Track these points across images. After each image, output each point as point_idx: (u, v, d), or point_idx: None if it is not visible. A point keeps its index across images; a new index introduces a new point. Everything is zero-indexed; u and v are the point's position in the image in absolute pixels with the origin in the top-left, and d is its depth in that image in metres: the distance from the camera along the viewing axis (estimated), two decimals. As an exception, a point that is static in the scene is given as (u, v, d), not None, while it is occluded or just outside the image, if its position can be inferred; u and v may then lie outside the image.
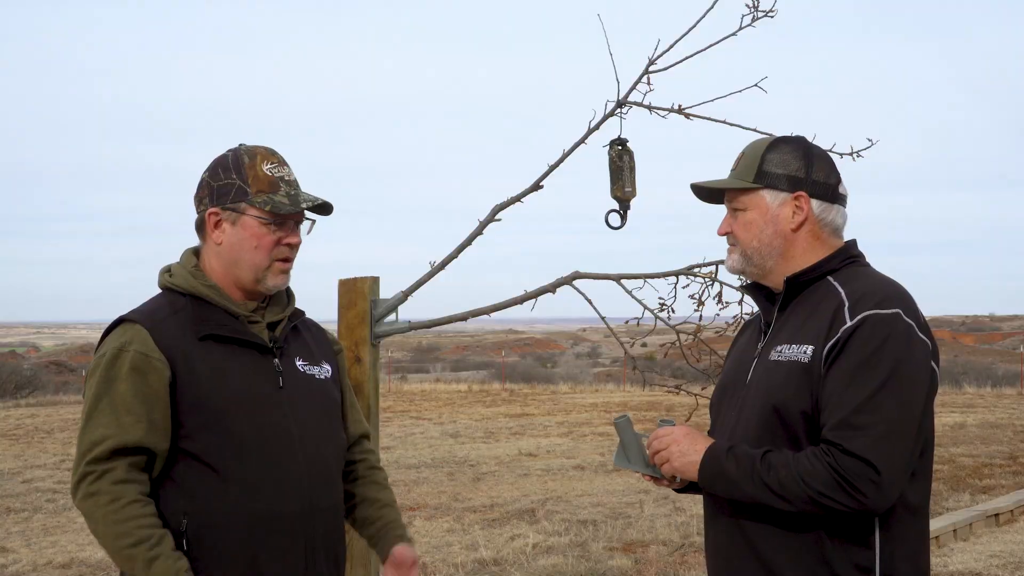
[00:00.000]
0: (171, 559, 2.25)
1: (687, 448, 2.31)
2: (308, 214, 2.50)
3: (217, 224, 2.44)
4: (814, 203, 2.34)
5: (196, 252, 2.52)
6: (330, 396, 2.57)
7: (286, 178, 2.47)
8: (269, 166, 2.46)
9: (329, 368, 2.59)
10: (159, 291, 2.49)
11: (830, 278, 2.30)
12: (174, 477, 2.33)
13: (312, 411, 2.49)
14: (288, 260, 2.48)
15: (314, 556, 2.42)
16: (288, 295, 2.58)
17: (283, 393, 2.44)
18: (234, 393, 2.36)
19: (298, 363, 2.51)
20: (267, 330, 2.49)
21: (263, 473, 2.36)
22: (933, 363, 2.22)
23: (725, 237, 2.43)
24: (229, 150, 2.50)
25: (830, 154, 2.45)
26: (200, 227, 2.49)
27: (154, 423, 2.30)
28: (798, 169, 2.34)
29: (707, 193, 2.46)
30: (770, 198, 2.35)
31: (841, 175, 2.40)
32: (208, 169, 2.48)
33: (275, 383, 2.44)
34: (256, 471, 2.35)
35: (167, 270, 2.51)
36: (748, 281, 2.49)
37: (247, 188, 2.43)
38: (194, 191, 2.50)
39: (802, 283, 2.33)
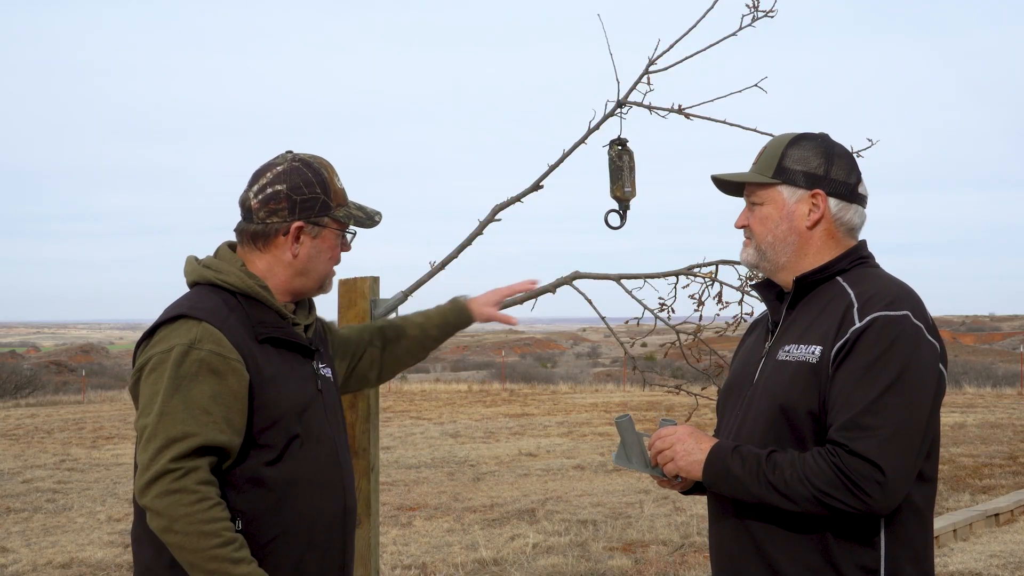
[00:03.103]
0: (254, 564, 2.25)
1: (692, 447, 2.30)
2: None
3: (298, 237, 2.45)
4: (831, 202, 2.34)
5: (232, 247, 2.52)
6: (340, 399, 2.64)
7: (346, 190, 2.55)
8: (337, 179, 2.52)
9: (330, 369, 2.63)
10: (198, 285, 2.45)
11: (839, 279, 2.30)
12: (232, 477, 2.31)
13: (337, 415, 2.56)
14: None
15: (346, 555, 2.50)
16: (309, 299, 2.63)
17: (321, 397, 2.49)
18: (292, 397, 2.39)
19: (321, 367, 2.56)
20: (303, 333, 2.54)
21: (312, 476, 2.40)
22: (941, 365, 2.22)
23: (742, 230, 2.44)
24: (296, 161, 2.47)
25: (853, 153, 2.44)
26: (268, 236, 2.45)
27: (232, 423, 2.28)
28: (817, 166, 2.34)
29: (727, 185, 2.47)
30: (787, 194, 2.35)
31: (862, 175, 2.39)
32: (283, 181, 2.44)
33: (315, 387, 2.49)
34: (307, 474, 2.39)
35: (205, 264, 2.47)
36: (757, 279, 2.49)
37: (330, 203, 2.47)
38: (259, 200, 2.45)
39: (811, 283, 2.33)
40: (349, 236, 2.57)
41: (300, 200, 2.43)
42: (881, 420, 2.10)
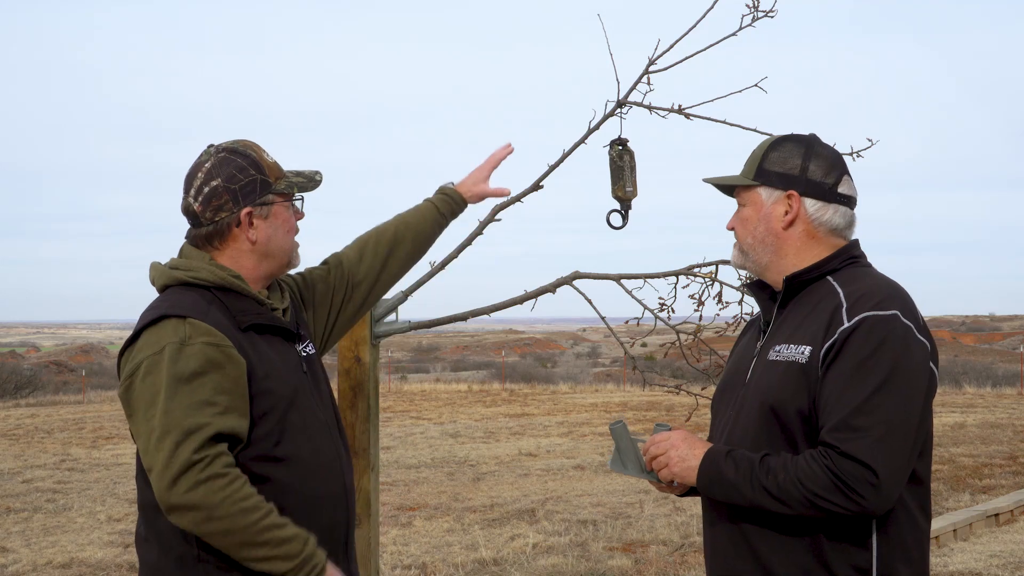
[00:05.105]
0: (294, 526, 2.26)
1: (685, 453, 2.31)
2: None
3: (250, 223, 2.45)
4: (807, 202, 2.34)
5: (194, 245, 2.50)
6: (324, 374, 2.63)
7: (278, 161, 2.55)
8: (265, 154, 2.51)
9: (310, 343, 2.62)
10: (169, 288, 2.43)
11: (830, 278, 2.30)
12: (237, 464, 2.31)
13: (326, 394, 2.57)
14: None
15: (348, 532, 2.53)
16: (278, 281, 2.61)
17: (308, 378, 2.50)
18: (282, 383, 2.40)
19: (302, 346, 2.56)
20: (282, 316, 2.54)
21: (312, 458, 2.42)
22: (932, 364, 2.21)
23: (733, 232, 2.46)
24: (222, 152, 2.46)
25: (841, 154, 2.42)
26: (222, 233, 2.45)
27: (237, 409, 2.28)
28: (793, 167, 2.35)
29: (724, 187, 2.49)
30: (765, 195, 2.37)
31: (846, 175, 2.37)
32: (216, 176, 2.43)
33: (302, 369, 2.49)
34: (307, 456, 2.41)
35: (173, 266, 2.46)
36: (750, 279, 2.50)
37: (268, 179, 2.47)
38: (200, 202, 2.43)
39: (802, 283, 2.33)
40: (298, 203, 2.57)
41: (239, 188, 2.43)
42: (872, 421, 2.10)
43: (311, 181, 2.54)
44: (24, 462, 14.50)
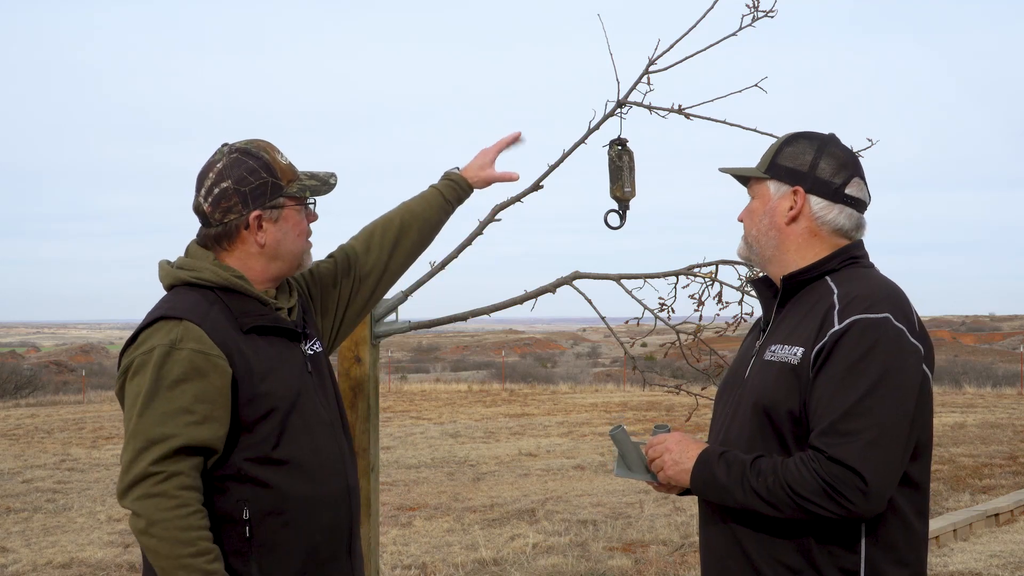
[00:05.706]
0: None
1: (679, 456, 2.31)
2: None
3: (260, 226, 2.44)
4: (812, 200, 2.33)
5: (201, 244, 2.49)
6: (331, 372, 2.63)
7: (293, 163, 2.52)
8: (279, 156, 2.49)
9: (317, 341, 2.62)
10: (174, 287, 2.44)
11: (828, 278, 2.29)
12: (233, 469, 2.32)
13: (331, 393, 2.56)
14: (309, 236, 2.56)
15: (351, 532, 2.52)
16: (286, 279, 2.60)
17: (312, 378, 2.49)
18: (283, 385, 2.40)
19: (308, 345, 2.56)
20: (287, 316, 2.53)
21: (313, 458, 2.41)
22: (926, 367, 2.19)
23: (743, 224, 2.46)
24: (234, 153, 2.45)
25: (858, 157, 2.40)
26: (230, 234, 2.44)
27: (215, 419, 2.28)
28: (802, 164, 2.34)
29: (740, 177, 2.49)
30: (773, 189, 2.37)
31: (858, 177, 2.35)
32: (226, 177, 2.42)
33: (305, 369, 2.49)
34: (308, 457, 2.40)
35: (178, 266, 2.46)
36: (751, 278, 2.49)
37: (280, 182, 2.45)
38: (210, 202, 2.43)
39: (800, 282, 2.32)
40: (311, 205, 2.55)
41: (249, 190, 2.41)
42: (861, 425, 2.08)
43: (325, 184, 2.53)
44: (24, 462, 14.50)
